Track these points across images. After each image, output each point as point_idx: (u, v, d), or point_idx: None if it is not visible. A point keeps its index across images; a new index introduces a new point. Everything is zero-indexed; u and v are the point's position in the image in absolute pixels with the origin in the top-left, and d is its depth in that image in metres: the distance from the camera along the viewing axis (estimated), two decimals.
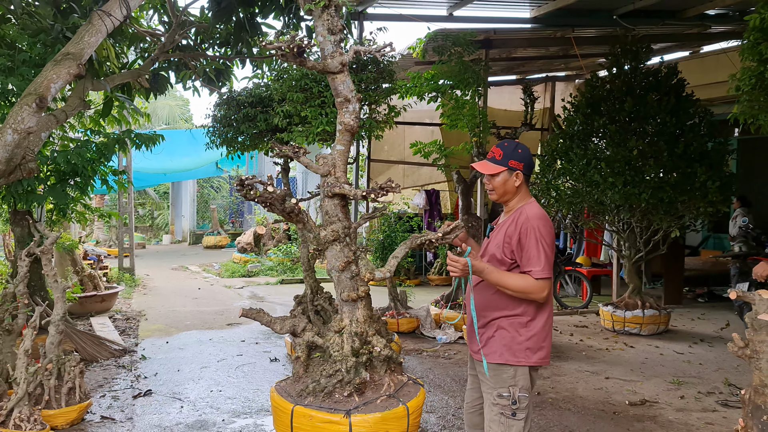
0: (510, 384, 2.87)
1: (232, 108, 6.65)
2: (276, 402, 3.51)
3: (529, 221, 2.84)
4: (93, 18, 5.13)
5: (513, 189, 2.97)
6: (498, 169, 2.96)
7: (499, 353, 2.89)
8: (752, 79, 4.47)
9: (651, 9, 8.47)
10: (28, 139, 4.90)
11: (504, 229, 2.93)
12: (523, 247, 2.82)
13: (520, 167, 2.95)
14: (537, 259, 2.79)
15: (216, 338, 7.56)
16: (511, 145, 3.00)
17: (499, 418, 2.87)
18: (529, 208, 2.92)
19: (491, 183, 3.00)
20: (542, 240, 2.81)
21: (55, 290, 4.74)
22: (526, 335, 2.88)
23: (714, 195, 7.03)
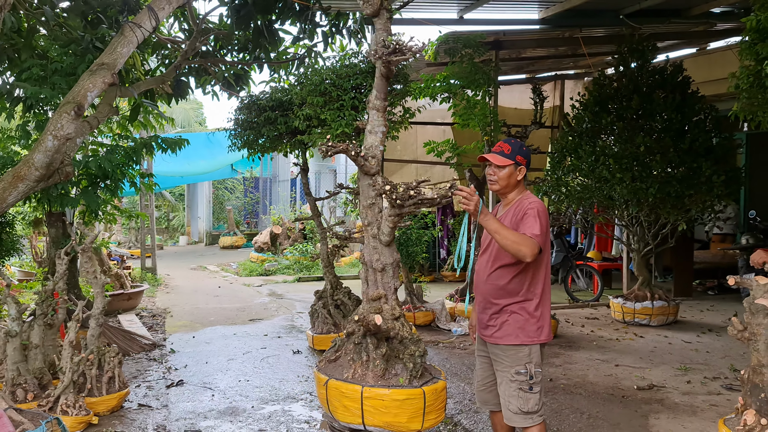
0: (526, 361, 3.19)
1: (254, 111, 6.94)
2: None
3: (530, 206, 3.17)
4: (125, 30, 5.44)
5: (515, 182, 3.30)
6: (507, 162, 3.27)
7: (514, 335, 3.20)
8: (750, 77, 4.70)
9: (657, 8, 8.66)
10: (66, 145, 5.22)
11: (508, 219, 3.23)
12: (522, 224, 3.12)
13: (524, 163, 3.30)
14: (532, 226, 3.07)
15: (240, 333, 7.87)
16: (517, 143, 3.34)
17: (518, 393, 3.18)
18: (528, 198, 3.27)
19: (497, 174, 3.30)
20: (538, 217, 3.10)
21: (95, 286, 5.05)
22: (537, 316, 3.22)
23: (719, 189, 7.25)
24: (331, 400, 3.80)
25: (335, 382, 3.80)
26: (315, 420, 4.75)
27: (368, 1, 3.94)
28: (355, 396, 3.68)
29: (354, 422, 3.72)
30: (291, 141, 7.06)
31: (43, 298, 5.07)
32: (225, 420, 4.78)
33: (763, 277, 3.87)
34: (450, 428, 4.56)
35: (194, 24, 7.51)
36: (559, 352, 6.63)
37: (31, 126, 6.61)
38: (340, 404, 3.77)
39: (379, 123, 4.02)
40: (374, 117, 4.02)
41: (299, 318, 8.84)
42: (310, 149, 7.52)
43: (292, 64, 8.56)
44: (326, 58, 8.38)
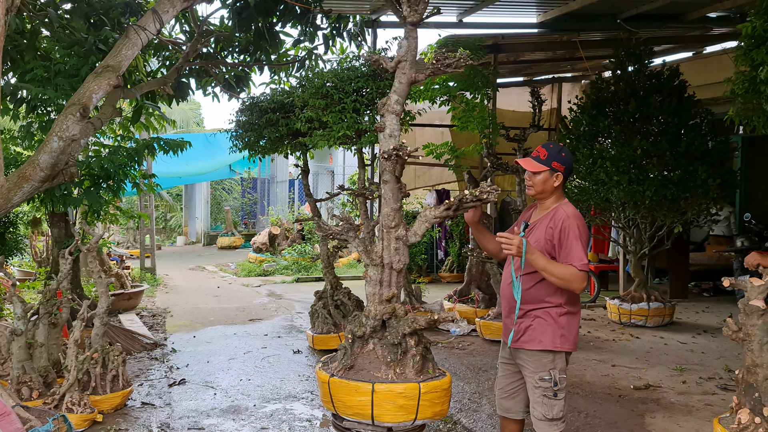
0: (550, 368, 3.15)
1: (255, 113, 7.01)
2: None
3: (568, 219, 3.13)
4: (129, 32, 5.49)
5: (551, 188, 3.23)
6: (541, 168, 3.22)
7: (538, 340, 3.17)
8: (745, 83, 4.78)
9: (654, 12, 8.77)
10: (71, 146, 5.28)
11: (544, 227, 3.19)
12: (563, 244, 3.10)
13: (561, 169, 3.21)
14: (577, 253, 3.08)
15: (240, 333, 7.93)
16: (555, 148, 3.25)
17: (542, 399, 3.16)
18: (565, 208, 3.20)
19: (532, 180, 3.26)
20: (581, 237, 3.10)
21: (99, 285, 5.11)
22: (561, 324, 3.18)
23: (715, 192, 7.35)
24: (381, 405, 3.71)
25: (382, 386, 3.69)
26: (316, 418, 4.82)
27: (415, 10, 3.98)
28: (413, 394, 3.63)
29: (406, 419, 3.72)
30: (292, 143, 7.13)
31: (47, 298, 5.12)
32: (227, 418, 4.85)
33: (757, 279, 3.95)
34: (450, 426, 4.64)
35: (195, 26, 7.57)
36: None
37: (34, 127, 6.66)
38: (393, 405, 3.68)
39: (397, 127, 4.09)
40: (393, 121, 4.08)
41: (299, 318, 8.91)
42: (311, 151, 7.58)
43: (292, 67, 8.62)
44: (327, 61, 8.47)
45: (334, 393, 3.73)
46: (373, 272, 4.11)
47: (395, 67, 4.07)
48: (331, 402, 3.77)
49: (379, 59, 4.27)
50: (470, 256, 8.48)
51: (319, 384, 3.87)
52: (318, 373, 3.88)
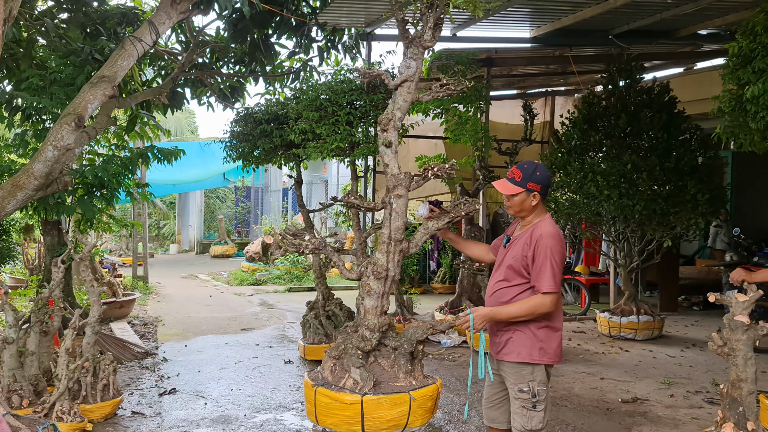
0: (529, 380, 3.21)
1: (249, 124, 7.06)
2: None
3: (542, 239, 3.17)
4: (125, 43, 5.55)
5: (530, 207, 3.28)
6: (517, 190, 3.26)
7: (516, 353, 3.24)
8: (732, 101, 4.88)
9: (645, 29, 8.88)
10: (65, 155, 5.31)
11: (521, 243, 3.26)
12: (535, 263, 3.17)
13: (538, 189, 3.25)
14: (544, 275, 3.14)
15: (231, 342, 7.94)
16: (530, 167, 3.29)
17: (521, 410, 3.22)
18: (543, 225, 3.24)
19: (509, 201, 3.32)
20: (552, 258, 3.15)
21: (91, 294, 5.13)
22: (540, 337, 3.24)
23: (704, 207, 7.43)
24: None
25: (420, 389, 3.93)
26: (306, 429, 4.84)
27: (434, 36, 4.07)
28: (433, 395, 3.97)
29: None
30: (286, 153, 7.18)
31: (39, 306, 5.14)
32: (218, 428, 4.86)
33: (741, 294, 4.01)
34: None
35: (191, 36, 7.64)
36: None
37: (28, 135, 6.69)
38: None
39: (397, 142, 4.22)
40: (396, 137, 4.19)
41: (290, 328, 8.92)
42: (304, 162, 7.63)
43: (287, 78, 8.70)
44: (321, 73, 8.55)
45: (368, 412, 3.76)
46: (376, 285, 4.15)
47: (399, 85, 4.15)
48: (361, 424, 3.78)
49: (382, 75, 4.34)
50: (462, 268, 8.54)
51: (347, 406, 3.81)
52: (342, 396, 3.83)
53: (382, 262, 4.15)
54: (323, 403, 3.85)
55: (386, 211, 4.22)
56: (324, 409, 3.84)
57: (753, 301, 3.95)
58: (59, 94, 6.36)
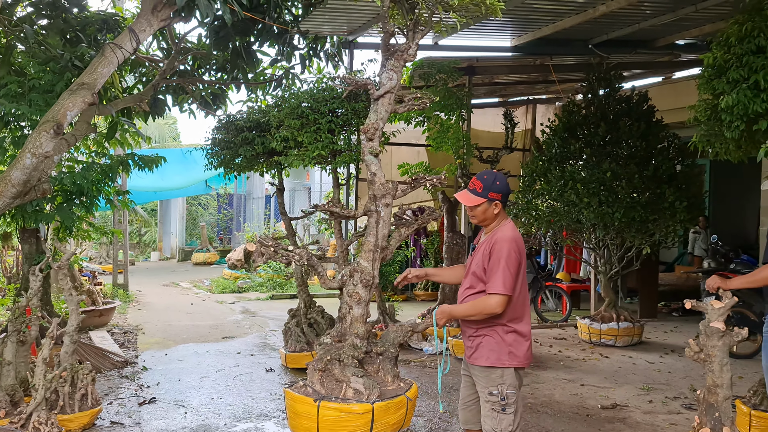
0: (498, 383, 3.28)
1: (231, 131, 7.05)
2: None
3: (498, 243, 3.28)
4: (105, 50, 5.52)
5: (492, 216, 3.39)
6: (478, 200, 3.36)
7: (485, 357, 3.32)
8: (708, 110, 4.95)
9: (624, 39, 8.99)
10: (44, 163, 5.26)
11: (482, 249, 3.37)
12: (488, 265, 3.27)
13: (498, 197, 3.35)
14: (493, 276, 3.23)
15: (212, 350, 7.89)
16: (490, 178, 3.39)
17: (491, 413, 3.29)
18: (502, 231, 3.35)
19: (473, 211, 3.42)
20: (506, 261, 3.23)
21: (69, 303, 5.08)
22: (509, 341, 3.31)
23: (682, 214, 7.53)
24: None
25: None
26: None
27: (416, 51, 4.15)
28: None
29: None
30: (267, 161, 7.17)
31: (16, 315, 5.08)
32: None
33: (717, 301, 4.07)
34: None
35: (173, 43, 7.61)
36: (527, 372, 6.76)
37: (7, 142, 6.61)
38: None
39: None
40: (378, 145, 4.22)
41: (272, 336, 8.88)
42: (286, 169, 7.62)
43: (269, 85, 8.69)
44: (304, 80, 8.55)
45: (378, 418, 3.79)
46: (365, 293, 4.17)
47: (381, 96, 4.19)
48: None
49: (368, 84, 4.38)
50: None
51: (359, 416, 3.80)
52: (351, 407, 3.83)
53: (369, 269, 4.17)
54: (331, 416, 3.78)
55: (372, 219, 4.25)
56: (331, 423, 3.77)
57: (728, 308, 4.01)
58: (38, 101, 6.30)
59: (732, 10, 7.20)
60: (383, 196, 4.19)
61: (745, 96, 4.48)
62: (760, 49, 4.52)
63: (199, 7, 5.71)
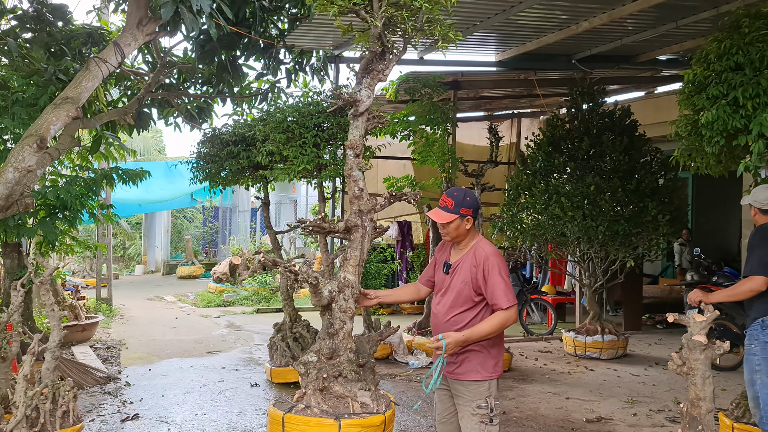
0: (486, 395, 3.31)
1: (216, 145, 7.04)
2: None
3: (488, 259, 3.30)
4: (90, 65, 5.52)
5: (465, 232, 3.41)
6: (451, 217, 3.39)
7: (475, 371, 3.33)
8: (688, 126, 5.03)
9: (606, 54, 9.12)
10: (27, 177, 5.23)
11: (466, 266, 3.36)
12: (488, 283, 3.28)
13: (470, 213, 3.39)
14: (502, 292, 3.26)
15: (197, 365, 7.83)
16: (460, 194, 3.43)
17: (479, 426, 3.29)
18: (484, 246, 3.38)
19: (445, 228, 3.43)
20: (503, 273, 3.29)
21: (51, 318, 5.01)
22: (494, 354, 3.36)
23: (665, 228, 7.61)
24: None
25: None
26: None
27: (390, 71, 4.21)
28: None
29: None
30: (253, 175, 7.17)
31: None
32: None
33: (699, 315, 4.11)
34: None
35: (158, 57, 7.61)
36: (512, 386, 6.79)
37: None
38: None
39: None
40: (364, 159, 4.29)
41: (257, 350, 8.83)
42: (272, 183, 7.62)
43: (255, 99, 8.70)
44: (289, 94, 8.58)
45: (387, 428, 3.80)
46: (354, 306, 4.18)
47: (361, 113, 4.24)
48: None
49: (358, 101, 4.42)
50: None
51: (376, 427, 3.75)
52: (373, 420, 3.76)
53: (356, 283, 4.18)
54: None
55: (358, 233, 4.26)
56: None
57: (710, 322, 4.05)
58: (21, 115, 6.27)
59: (711, 27, 7.34)
60: (369, 211, 4.20)
61: (725, 112, 4.55)
62: (738, 66, 4.60)
63: (184, 22, 5.72)
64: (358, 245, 4.22)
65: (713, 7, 7.08)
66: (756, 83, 4.43)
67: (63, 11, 7.20)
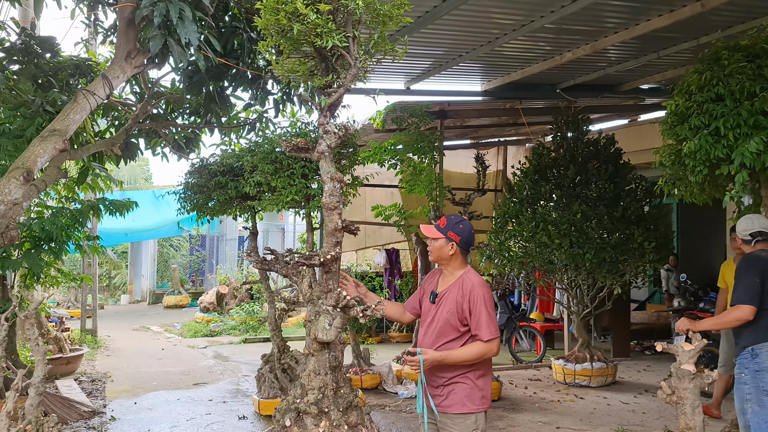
0: (473, 428, 3.30)
1: (204, 176, 7.04)
2: None
3: (475, 289, 3.32)
4: (78, 97, 5.51)
5: (447, 256, 3.44)
6: (438, 235, 3.45)
7: (461, 404, 3.31)
8: (672, 155, 5.11)
9: (590, 83, 9.27)
10: (12, 209, 5.19)
11: (453, 296, 3.37)
12: (473, 314, 3.30)
13: (457, 240, 3.42)
14: (485, 324, 3.28)
15: (183, 398, 7.72)
16: (455, 219, 3.49)
17: None
18: (471, 277, 3.39)
19: (431, 245, 3.50)
20: (488, 305, 3.31)
21: (36, 353, 4.95)
22: (480, 386, 3.35)
23: (651, 255, 7.67)
24: None
25: None
26: None
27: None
28: None
29: None
30: (241, 205, 7.16)
31: None
32: None
33: (687, 344, 4.14)
34: None
35: (146, 88, 7.61)
36: (503, 415, 6.75)
37: None
38: None
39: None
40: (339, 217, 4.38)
41: (245, 381, 8.73)
42: (259, 213, 7.61)
43: (243, 129, 8.72)
44: (277, 124, 8.60)
45: None
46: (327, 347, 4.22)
47: (320, 155, 4.40)
48: None
49: (309, 149, 4.53)
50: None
51: None
52: None
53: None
54: None
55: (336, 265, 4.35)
56: None
57: (698, 351, 4.07)
58: (7, 146, 6.24)
59: (692, 57, 7.51)
60: (340, 244, 4.38)
61: (707, 142, 4.63)
62: (719, 97, 4.69)
63: (172, 55, 5.74)
64: (335, 276, 4.33)
65: (693, 38, 7.24)
66: (737, 114, 4.52)
67: (51, 43, 7.21)
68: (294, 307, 7.03)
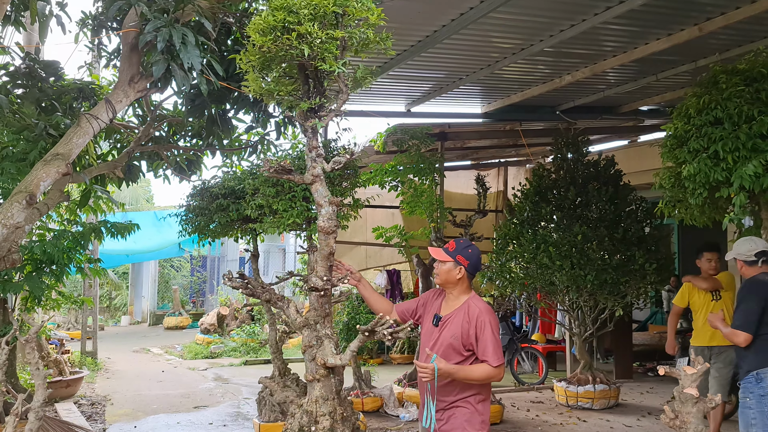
0: None
1: (206, 198, 7.06)
2: None
3: (482, 315, 3.33)
4: (81, 121, 5.55)
5: (454, 280, 3.44)
6: (447, 258, 3.45)
7: (461, 428, 3.31)
8: (671, 178, 5.14)
9: (590, 105, 9.35)
10: (15, 233, 5.21)
11: (459, 321, 3.37)
12: (479, 340, 3.31)
13: (465, 264, 3.43)
14: (493, 350, 3.29)
15: (184, 422, 7.67)
16: (464, 243, 3.50)
17: None
18: (477, 303, 3.40)
19: (438, 268, 3.49)
20: (494, 332, 3.33)
21: (36, 377, 4.94)
22: (480, 410, 3.35)
23: (652, 276, 7.66)
24: None
25: None
26: None
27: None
28: None
29: None
30: (242, 227, 7.18)
31: None
32: None
33: (690, 367, 4.12)
34: None
35: (149, 111, 7.68)
36: None
37: None
38: None
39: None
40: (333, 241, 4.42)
41: (245, 404, 8.68)
42: (261, 235, 7.63)
43: (245, 151, 8.76)
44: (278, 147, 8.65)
45: None
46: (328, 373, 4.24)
47: (311, 183, 4.45)
48: None
49: (292, 176, 4.57)
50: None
51: None
52: None
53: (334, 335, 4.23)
54: None
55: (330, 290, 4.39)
56: None
57: (701, 374, 4.05)
58: (10, 170, 6.28)
59: (691, 79, 7.57)
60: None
61: (706, 165, 4.66)
62: (717, 120, 4.73)
63: (175, 79, 5.80)
64: (331, 299, 4.37)
65: (691, 61, 7.32)
66: (735, 137, 4.55)
67: (55, 67, 7.29)
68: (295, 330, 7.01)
